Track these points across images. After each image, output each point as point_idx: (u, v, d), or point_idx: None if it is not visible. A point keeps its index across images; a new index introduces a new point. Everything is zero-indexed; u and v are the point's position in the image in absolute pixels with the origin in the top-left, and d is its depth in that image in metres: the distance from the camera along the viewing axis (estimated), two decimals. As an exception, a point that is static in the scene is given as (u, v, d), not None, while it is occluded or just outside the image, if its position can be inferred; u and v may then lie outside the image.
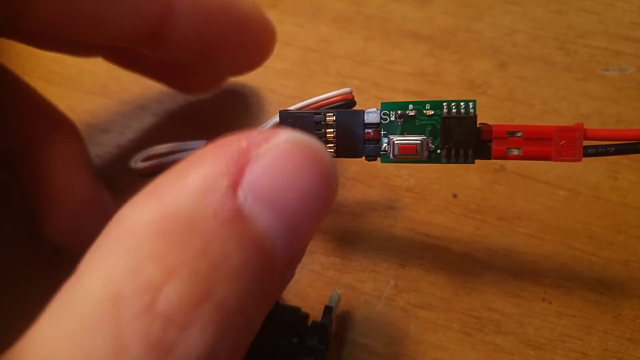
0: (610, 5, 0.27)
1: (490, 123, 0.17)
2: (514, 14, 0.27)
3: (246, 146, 0.13)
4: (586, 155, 0.16)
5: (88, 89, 0.27)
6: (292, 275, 0.15)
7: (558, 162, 0.16)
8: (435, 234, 0.22)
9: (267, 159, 0.13)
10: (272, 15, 0.29)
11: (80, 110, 0.26)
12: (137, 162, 0.23)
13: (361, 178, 0.24)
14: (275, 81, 0.27)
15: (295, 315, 0.19)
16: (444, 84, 0.26)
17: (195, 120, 0.26)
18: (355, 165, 0.24)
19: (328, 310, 0.19)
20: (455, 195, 0.23)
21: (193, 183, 0.12)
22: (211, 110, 0.26)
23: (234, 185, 0.12)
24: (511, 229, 0.22)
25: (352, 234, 0.22)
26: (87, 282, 0.11)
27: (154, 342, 0.10)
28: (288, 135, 0.14)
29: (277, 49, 0.28)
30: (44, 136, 0.21)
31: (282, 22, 0.29)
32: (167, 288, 0.11)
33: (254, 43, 0.18)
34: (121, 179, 0.24)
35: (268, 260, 0.13)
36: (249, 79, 0.27)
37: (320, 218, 0.14)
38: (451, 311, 0.21)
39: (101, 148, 0.25)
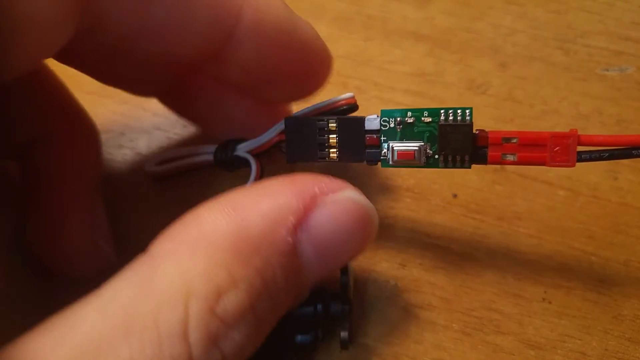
0: (610, 5, 0.27)
1: (487, 129, 0.17)
2: (514, 14, 0.27)
3: (317, 192, 0.16)
4: (580, 160, 0.17)
5: (88, 89, 0.27)
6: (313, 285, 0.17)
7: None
8: (435, 234, 0.22)
9: (329, 210, 0.16)
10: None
11: (80, 110, 0.26)
12: (152, 166, 0.23)
13: (361, 178, 0.24)
14: (275, 81, 0.27)
15: (314, 289, 0.19)
16: (444, 84, 0.26)
17: (195, 120, 0.26)
18: (355, 165, 0.24)
19: (345, 269, 0.19)
20: (455, 195, 0.23)
21: (267, 210, 0.15)
22: (211, 110, 0.26)
23: (298, 224, 0.15)
24: (511, 229, 0.22)
25: (352, 234, 0.22)
26: (164, 270, 0.14)
27: (209, 335, 0.13)
28: (351, 194, 0.16)
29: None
30: (56, 136, 0.21)
31: (282, 22, 0.29)
32: (228, 295, 0.14)
33: (312, 70, 0.18)
34: (120, 180, 0.24)
35: (301, 288, 0.16)
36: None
37: (350, 259, 0.17)
38: (451, 311, 0.21)
39: (101, 148, 0.25)
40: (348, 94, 0.19)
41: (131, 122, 0.26)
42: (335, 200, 0.16)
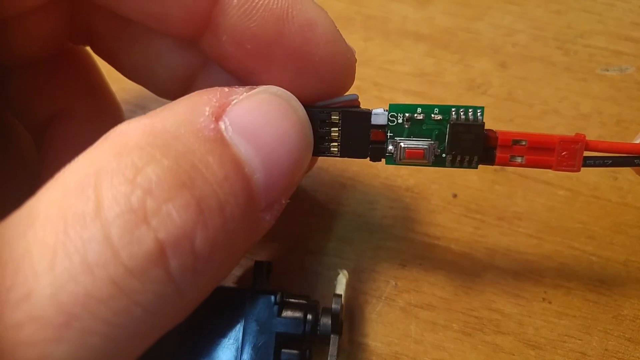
0: (610, 5, 0.27)
1: (495, 129, 0.17)
2: (514, 14, 0.27)
3: (227, 91, 0.15)
4: (585, 165, 0.17)
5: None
6: (270, 223, 0.16)
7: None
8: (435, 234, 0.22)
9: (246, 102, 0.15)
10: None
11: (80, 110, 0.26)
12: None
13: (361, 178, 0.24)
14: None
15: (304, 307, 0.18)
16: (444, 84, 0.26)
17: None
18: (356, 166, 0.24)
19: (338, 298, 0.19)
20: (455, 195, 0.23)
21: (179, 108, 0.14)
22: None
23: (217, 114, 0.14)
24: (511, 229, 0.22)
25: (352, 234, 0.22)
26: (74, 164, 0.13)
27: (132, 207, 0.12)
28: (266, 88, 0.16)
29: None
30: (75, 114, 0.21)
31: (282, 22, 0.29)
32: (149, 168, 0.12)
33: (323, 64, 0.16)
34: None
35: (248, 184, 0.14)
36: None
37: (296, 166, 0.15)
38: (451, 311, 0.21)
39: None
40: (351, 95, 0.18)
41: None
42: (251, 94, 0.15)
